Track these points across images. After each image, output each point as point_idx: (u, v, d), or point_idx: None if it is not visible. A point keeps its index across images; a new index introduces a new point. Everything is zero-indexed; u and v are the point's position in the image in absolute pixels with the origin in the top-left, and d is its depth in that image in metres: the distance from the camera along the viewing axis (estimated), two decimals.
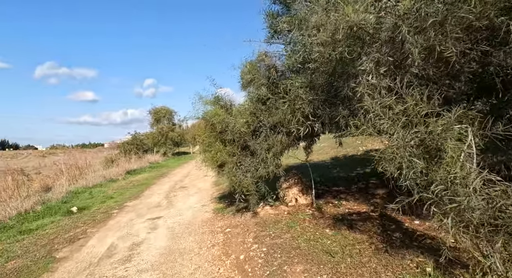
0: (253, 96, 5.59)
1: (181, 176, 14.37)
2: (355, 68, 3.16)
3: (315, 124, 3.95)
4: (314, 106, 3.93)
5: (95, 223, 6.41)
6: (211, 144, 5.46)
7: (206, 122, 5.61)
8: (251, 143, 5.51)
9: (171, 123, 31.61)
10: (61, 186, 10.23)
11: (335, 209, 5.61)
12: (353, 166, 10.89)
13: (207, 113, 5.51)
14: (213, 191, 10.08)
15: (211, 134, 5.49)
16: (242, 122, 5.32)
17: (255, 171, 5.47)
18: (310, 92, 3.93)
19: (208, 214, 6.84)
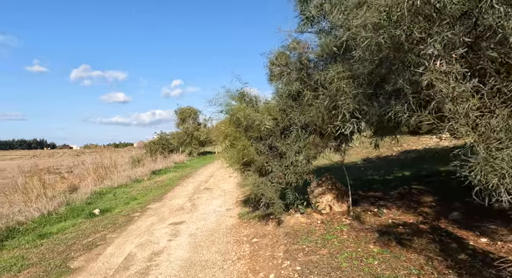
0: (283, 91, 5.02)
1: (205, 177, 14.07)
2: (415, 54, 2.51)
3: (360, 122, 3.30)
4: (359, 101, 3.29)
5: (115, 227, 6.12)
6: (236, 139, 4.95)
7: (231, 117, 5.12)
8: (280, 143, 4.95)
9: (196, 123, 31.68)
10: (87, 187, 10.20)
11: (376, 219, 4.91)
12: (389, 168, 10.02)
13: (232, 107, 5.01)
14: (237, 193, 9.62)
15: (236, 129, 4.98)
16: (270, 119, 4.77)
17: (283, 176, 4.90)
18: (353, 85, 3.30)
19: (232, 220, 6.36)
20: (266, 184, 4.80)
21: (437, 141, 12.57)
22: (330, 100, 3.47)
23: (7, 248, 4.97)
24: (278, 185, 4.77)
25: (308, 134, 4.89)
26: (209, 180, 12.97)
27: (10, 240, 5.33)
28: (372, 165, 11.38)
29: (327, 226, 4.76)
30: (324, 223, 4.94)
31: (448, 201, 5.24)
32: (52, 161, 40.75)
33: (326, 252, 3.78)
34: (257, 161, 4.78)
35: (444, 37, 2.08)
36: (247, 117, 4.79)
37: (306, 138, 4.86)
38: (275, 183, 4.83)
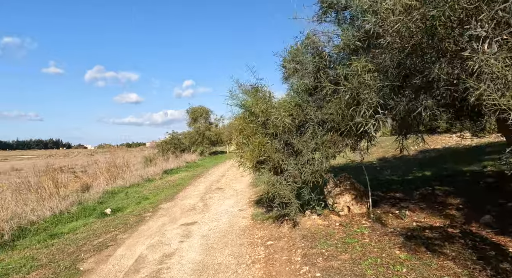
0: (299, 86, 4.78)
1: (217, 176, 13.93)
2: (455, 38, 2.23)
3: (386, 118, 3.02)
4: (384, 95, 3.02)
5: (127, 227, 6.00)
6: (252, 135, 4.73)
7: (245, 112, 4.91)
8: (296, 140, 4.70)
9: (207, 123, 31.67)
10: (99, 186, 10.18)
11: (399, 222, 4.61)
12: (407, 168, 9.61)
13: (249, 101, 4.79)
14: (250, 193, 9.41)
15: (252, 125, 4.75)
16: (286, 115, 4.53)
17: (299, 175, 4.66)
18: (378, 78, 3.02)
19: (246, 221, 6.14)
20: (281, 183, 4.56)
21: (457, 139, 12.06)
22: (352, 95, 3.20)
23: (18, 248, 4.90)
24: (294, 185, 4.52)
25: (325, 131, 4.63)
26: (221, 179, 12.81)
27: (21, 239, 5.27)
28: (389, 165, 10.97)
29: (347, 229, 4.49)
30: (343, 225, 4.67)
31: (477, 203, 4.89)
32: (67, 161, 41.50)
33: (347, 257, 3.52)
34: (273, 158, 4.54)
35: (494, 16, 1.81)
36: (264, 112, 4.57)
37: (323, 135, 4.60)
38: (290, 181, 4.58)
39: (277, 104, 5.00)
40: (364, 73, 3.04)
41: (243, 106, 5.04)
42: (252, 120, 4.93)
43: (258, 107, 4.69)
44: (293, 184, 4.51)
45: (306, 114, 4.68)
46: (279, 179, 4.55)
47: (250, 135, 4.81)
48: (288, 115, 4.62)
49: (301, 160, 4.64)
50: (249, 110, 4.90)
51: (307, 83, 4.65)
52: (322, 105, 4.61)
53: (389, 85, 3.02)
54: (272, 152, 4.50)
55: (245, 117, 5.00)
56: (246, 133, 4.88)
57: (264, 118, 4.63)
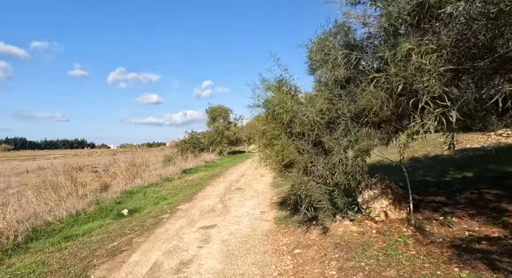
0: (328, 78, 4.25)
1: (236, 176, 13.55)
2: None
3: (449, 111, 2.43)
4: (446, 81, 2.45)
5: (143, 230, 5.68)
6: (275, 138, 4.26)
7: (268, 112, 4.44)
8: (326, 138, 4.18)
9: (226, 122, 31.49)
10: (118, 185, 10.03)
11: (446, 230, 4.00)
12: (442, 168, 8.82)
13: (270, 100, 4.32)
14: (271, 194, 8.94)
15: (275, 126, 4.28)
16: (315, 111, 4.03)
17: (331, 176, 4.13)
18: (439, 60, 2.45)
19: (268, 225, 5.68)
20: (312, 184, 4.06)
21: (497, 138, 11.07)
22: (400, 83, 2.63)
23: (30, 251, 4.67)
24: (325, 187, 4.00)
25: (359, 127, 4.09)
26: (240, 179, 12.42)
27: (35, 241, 5.06)
28: (420, 165, 10.18)
29: (386, 238, 3.93)
30: (381, 233, 4.11)
31: None
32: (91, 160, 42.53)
33: (394, 274, 2.98)
34: (299, 161, 4.04)
35: None
36: (288, 110, 4.08)
37: (358, 131, 4.06)
38: (320, 183, 4.07)
39: (304, 100, 4.51)
40: (420, 56, 2.48)
41: (265, 107, 4.58)
42: (276, 121, 4.46)
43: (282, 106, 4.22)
44: (324, 186, 4.00)
45: (337, 109, 4.15)
46: (309, 179, 4.05)
47: (273, 137, 4.34)
48: (318, 111, 4.12)
49: (331, 159, 4.13)
50: (273, 110, 4.43)
51: (339, 75, 4.12)
52: (356, 98, 4.08)
53: (453, 69, 2.45)
54: (296, 154, 4.01)
55: (268, 118, 4.53)
56: (269, 136, 4.41)
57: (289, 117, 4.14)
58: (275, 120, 4.38)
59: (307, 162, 4.06)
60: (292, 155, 3.98)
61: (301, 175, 4.06)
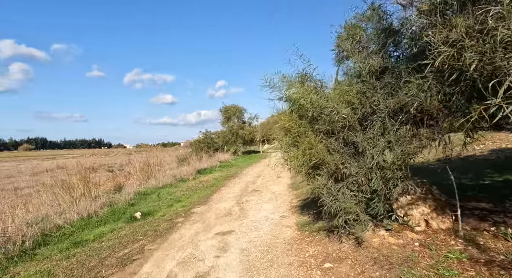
0: (362, 67, 3.75)
1: (252, 177, 13.13)
2: None
3: None
4: None
5: (156, 235, 5.32)
6: (300, 135, 3.78)
7: (292, 106, 3.97)
8: (358, 137, 3.68)
9: (240, 122, 31.10)
10: (131, 186, 9.78)
11: (504, 244, 3.43)
12: (478, 170, 8.09)
13: (295, 93, 3.85)
14: (291, 196, 8.46)
15: (301, 123, 3.81)
16: (346, 105, 3.53)
17: (367, 182, 3.62)
18: None
19: (291, 231, 5.21)
20: (344, 193, 3.56)
21: None
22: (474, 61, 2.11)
23: (37, 258, 4.38)
24: (361, 194, 3.50)
25: (399, 125, 3.57)
26: (257, 180, 11.97)
27: (43, 247, 4.77)
28: (452, 166, 9.43)
29: (433, 252, 3.38)
30: (425, 246, 3.57)
31: None
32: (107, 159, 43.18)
33: None
34: (329, 162, 3.55)
35: None
36: (314, 105, 3.60)
37: (397, 129, 3.53)
38: (355, 190, 3.57)
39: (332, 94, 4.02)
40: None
41: (288, 100, 4.11)
42: (301, 116, 3.98)
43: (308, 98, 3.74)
44: (359, 193, 3.49)
45: (372, 104, 3.63)
46: (340, 187, 3.55)
47: (299, 135, 3.86)
48: (348, 106, 3.62)
49: (366, 162, 3.62)
50: (297, 104, 3.95)
51: (374, 64, 3.61)
52: (394, 91, 3.55)
53: None
54: (325, 154, 3.51)
55: (291, 113, 4.05)
56: (294, 133, 3.92)
57: (316, 112, 3.66)
58: (300, 116, 3.91)
59: (338, 163, 3.56)
60: (321, 155, 3.48)
61: (332, 183, 3.57)
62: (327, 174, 3.57)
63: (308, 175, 3.78)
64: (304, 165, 3.58)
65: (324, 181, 3.54)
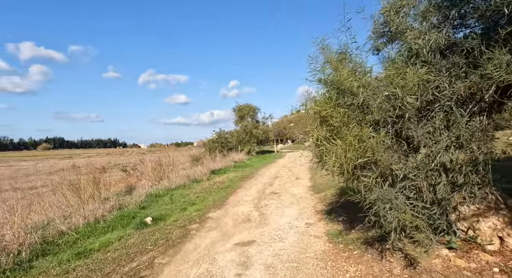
0: (422, 44, 3.00)
1: (268, 178, 12.44)
2: None
3: None
4: None
5: (168, 245, 4.71)
6: (343, 126, 3.06)
7: (330, 92, 3.27)
8: (418, 131, 2.94)
9: (254, 121, 30.43)
10: (143, 187, 9.25)
11: None
12: None
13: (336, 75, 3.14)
14: (313, 200, 7.73)
15: (345, 110, 3.09)
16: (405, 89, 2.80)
17: (429, 188, 2.88)
18: None
19: (321, 243, 4.51)
20: (397, 198, 2.82)
21: None
22: None
23: (32, 273, 3.81)
24: (422, 204, 2.76)
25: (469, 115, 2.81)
26: (274, 182, 11.27)
27: (41, 259, 4.20)
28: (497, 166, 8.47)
29: None
30: (506, 272, 2.79)
31: None
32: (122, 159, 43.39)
33: None
34: (382, 161, 2.82)
35: None
36: (367, 88, 2.89)
37: (467, 121, 2.78)
38: (413, 198, 2.83)
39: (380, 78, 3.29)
40: None
41: (328, 83, 3.40)
42: (344, 103, 3.26)
43: (355, 80, 3.03)
44: (419, 202, 2.75)
45: (435, 89, 2.88)
46: (395, 193, 2.81)
47: (340, 126, 3.14)
48: (408, 92, 2.88)
49: (425, 162, 2.88)
50: (339, 87, 3.24)
51: (439, 39, 2.85)
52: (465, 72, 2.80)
53: None
54: (381, 150, 2.79)
55: (331, 99, 3.34)
56: (334, 124, 3.20)
57: (368, 97, 2.94)
58: (340, 104, 3.19)
59: (390, 162, 2.82)
60: (374, 150, 2.76)
61: (385, 184, 2.84)
62: (379, 175, 2.85)
63: (351, 176, 3.05)
64: (347, 163, 2.86)
65: (373, 184, 2.82)
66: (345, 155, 2.90)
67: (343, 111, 3.07)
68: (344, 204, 6.90)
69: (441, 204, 2.78)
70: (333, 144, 3.11)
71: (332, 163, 3.05)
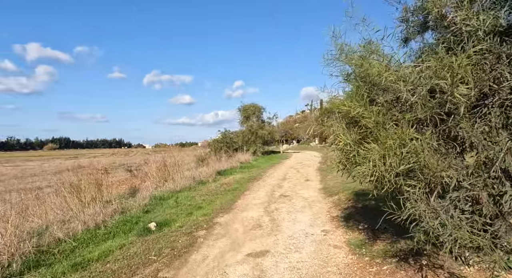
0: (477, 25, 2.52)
1: (277, 179, 11.99)
2: None
3: None
4: None
5: (173, 255, 4.29)
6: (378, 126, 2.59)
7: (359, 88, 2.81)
8: (473, 131, 2.47)
9: (260, 121, 30.00)
10: (147, 189, 8.87)
11: None
12: None
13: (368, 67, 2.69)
14: (327, 204, 7.28)
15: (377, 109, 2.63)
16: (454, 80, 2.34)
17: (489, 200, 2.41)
18: None
19: (343, 255, 4.06)
20: (448, 210, 2.35)
21: None
22: None
23: None
24: (480, 218, 2.28)
25: None
26: (283, 184, 10.82)
27: (33, 271, 3.77)
28: None
29: None
30: None
31: None
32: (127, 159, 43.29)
33: None
34: (429, 167, 2.34)
35: None
36: (407, 82, 2.43)
37: None
38: (467, 212, 2.35)
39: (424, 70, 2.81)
40: None
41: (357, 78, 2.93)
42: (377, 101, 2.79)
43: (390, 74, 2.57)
44: (478, 217, 2.28)
45: (493, 80, 2.41)
46: (446, 205, 2.34)
47: (374, 127, 2.68)
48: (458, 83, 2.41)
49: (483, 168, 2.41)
50: (370, 81, 2.78)
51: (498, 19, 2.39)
52: None
53: None
54: (430, 155, 2.31)
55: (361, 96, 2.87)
56: (367, 125, 2.73)
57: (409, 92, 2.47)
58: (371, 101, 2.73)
59: (440, 168, 2.35)
60: (418, 156, 2.29)
61: (432, 195, 2.37)
62: (425, 184, 2.38)
63: (392, 186, 2.58)
64: (387, 171, 2.40)
65: (419, 195, 2.35)
66: (384, 161, 2.44)
67: (376, 109, 2.61)
68: (362, 210, 6.45)
69: (506, 218, 2.31)
70: (366, 148, 2.65)
71: (370, 171, 2.58)
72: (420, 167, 2.34)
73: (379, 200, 6.46)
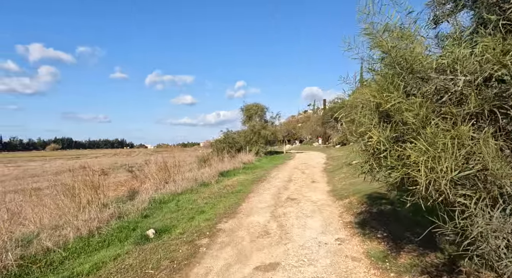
0: None
1: (282, 181, 11.52)
2: None
3: None
4: None
5: (173, 269, 3.84)
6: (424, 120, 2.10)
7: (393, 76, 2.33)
8: None
9: (263, 121, 29.49)
10: (146, 192, 8.42)
11: None
12: None
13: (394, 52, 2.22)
14: (337, 208, 6.81)
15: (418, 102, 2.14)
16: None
17: None
18: None
19: (363, 269, 3.59)
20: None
21: None
22: None
23: None
24: None
25: None
26: (289, 186, 10.34)
27: None
28: None
29: None
30: None
31: None
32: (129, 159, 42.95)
33: None
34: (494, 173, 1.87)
35: None
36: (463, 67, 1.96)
37: None
38: None
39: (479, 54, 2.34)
40: None
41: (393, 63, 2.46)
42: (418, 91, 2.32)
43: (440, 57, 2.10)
44: None
45: None
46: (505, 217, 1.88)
47: (415, 122, 2.20)
48: None
49: None
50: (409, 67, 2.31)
51: None
52: None
53: None
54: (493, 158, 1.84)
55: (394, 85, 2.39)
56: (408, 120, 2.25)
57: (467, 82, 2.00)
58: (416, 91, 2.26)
59: (504, 175, 1.89)
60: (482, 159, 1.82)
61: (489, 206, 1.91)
62: (486, 195, 1.91)
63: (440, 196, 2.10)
64: (444, 177, 1.92)
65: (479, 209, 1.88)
66: (433, 166, 1.96)
67: (419, 102, 2.14)
68: (378, 215, 5.97)
69: None
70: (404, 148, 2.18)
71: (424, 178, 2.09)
72: (483, 173, 1.87)
73: (396, 204, 5.99)
